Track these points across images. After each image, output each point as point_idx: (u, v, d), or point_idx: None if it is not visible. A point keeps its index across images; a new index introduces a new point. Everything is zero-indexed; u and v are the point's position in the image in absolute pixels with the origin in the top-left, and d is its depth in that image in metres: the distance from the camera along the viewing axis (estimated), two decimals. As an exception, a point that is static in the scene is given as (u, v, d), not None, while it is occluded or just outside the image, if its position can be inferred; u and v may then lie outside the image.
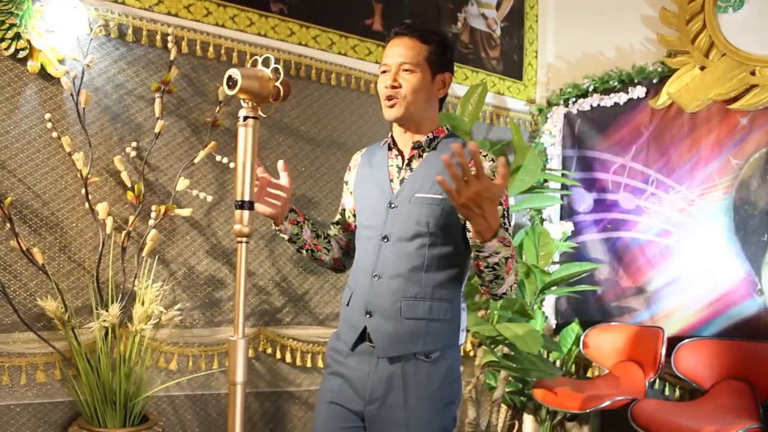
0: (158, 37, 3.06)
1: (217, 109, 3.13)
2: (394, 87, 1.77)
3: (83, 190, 2.81)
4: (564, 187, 4.04)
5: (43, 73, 2.80)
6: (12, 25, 2.71)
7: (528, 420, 4.09)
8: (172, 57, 2.98)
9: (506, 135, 4.16)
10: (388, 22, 3.70)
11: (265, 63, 1.79)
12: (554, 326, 4.07)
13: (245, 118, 1.72)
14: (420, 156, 1.84)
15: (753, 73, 3.27)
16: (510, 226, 1.81)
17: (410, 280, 1.76)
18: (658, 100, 3.66)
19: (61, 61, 2.83)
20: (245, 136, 1.72)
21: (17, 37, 2.72)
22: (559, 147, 4.10)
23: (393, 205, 1.81)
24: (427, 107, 1.84)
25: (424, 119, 1.84)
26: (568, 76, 4.18)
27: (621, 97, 3.81)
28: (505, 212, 1.76)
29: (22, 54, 2.73)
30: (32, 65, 2.76)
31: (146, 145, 3.02)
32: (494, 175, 1.77)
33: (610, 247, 3.86)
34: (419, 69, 1.78)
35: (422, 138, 1.83)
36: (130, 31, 3.00)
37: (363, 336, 1.80)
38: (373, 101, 3.66)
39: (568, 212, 4.06)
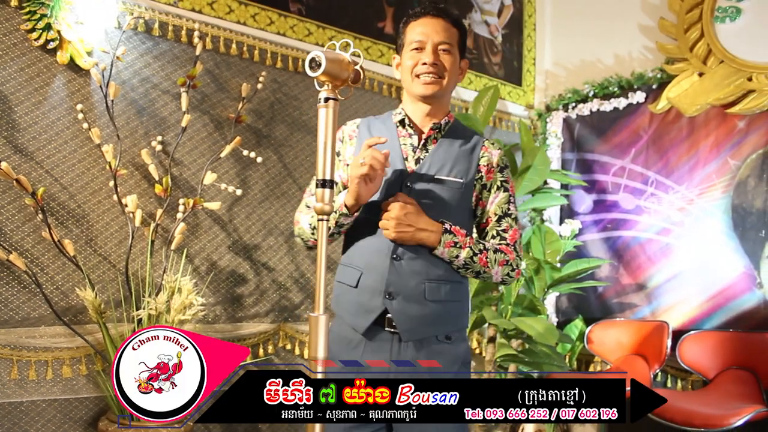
0: (183, 33, 3.07)
1: (240, 105, 3.15)
2: (435, 64, 1.77)
3: (111, 183, 2.79)
4: (564, 187, 4.17)
5: (72, 65, 2.78)
6: (43, 16, 2.69)
7: (530, 416, 4.17)
8: (198, 52, 2.98)
9: (508, 138, 4.28)
10: (399, 26, 3.79)
11: (344, 48, 1.85)
12: (555, 323, 4.18)
13: (326, 99, 1.77)
14: (435, 138, 1.83)
15: (750, 79, 3.48)
16: (516, 211, 1.86)
17: (432, 261, 1.75)
18: (658, 104, 3.84)
19: (90, 53, 2.81)
20: (326, 117, 1.76)
21: (48, 27, 2.70)
22: (559, 150, 4.24)
23: (409, 185, 1.78)
24: (451, 90, 1.88)
25: (446, 101, 1.87)
26: (567, 82, 4.34)
27: (620, 102, 3.98)
28: (511, 198, 1.84)
29: (51, 45, 2.71)
30: (62, 56, 2.75)
31: (170, 139, 3.02)
32: (503, 164, 1.85)
33: (610, 246, 4.01)
34: (453, 51, 1.81)
35: (441, 120, 1.83)
36: (156, 25, 3.00)
37: (379, 320, 1.74)
38: (385, 102, 3.73)
39: (567, 213, 4.19)
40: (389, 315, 1.72)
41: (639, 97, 3.92)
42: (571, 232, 3.62)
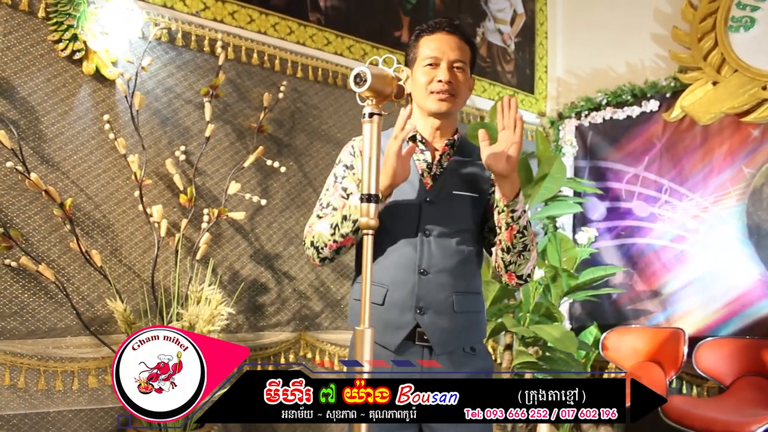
0: (206, 42, 3.08)
1: (262, 115, 3.16)
2: (450, 82, 1.76)
3: (136, 193, 2.79)
4: (577, 194, 4.20)
5: (97, 75, 2.79)
6: (69, 26, 2.69)
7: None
8: (220, 62, 3.00)
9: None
10: (410, 38, 3.83)
11: (387, 63, 1.86)
12: (569, 330, 4.20)
13: (371, 115, 1.78)
14: (449, 155, 1.84)
15: (764, 88, 3.51)
16: None
17: (456, 274, 1.77)
18: (672, 113, 3.87)
19: (114, 63, 2.82)
20: (371, 131, 1.77)
21: (74, 38, 2.71)
22: (572, 158, 4.27)
23: (430, 201, 1.79)
24: (462, 107, 1.89)
25: (455, 118, 1.88)
26: (578, 90, 4.37)
27: (634, 110, 4.02)
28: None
29: (77, 55, 2.72)
30: (87, 66, 2.75)
31: (194, 149, 3.02)
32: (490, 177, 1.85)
33: (624, 253, 4.04)
34: (466, 69, 1.81)
35: (454, 137, 1.85)
36: (179, 35, 3.01)
37: (409, 334, 1.74)
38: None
39: (581, 221, 4.22)
40: (420, 329, 1.73)
41: (652, 105, 3.95)
42: (588, 240, 3.65)
